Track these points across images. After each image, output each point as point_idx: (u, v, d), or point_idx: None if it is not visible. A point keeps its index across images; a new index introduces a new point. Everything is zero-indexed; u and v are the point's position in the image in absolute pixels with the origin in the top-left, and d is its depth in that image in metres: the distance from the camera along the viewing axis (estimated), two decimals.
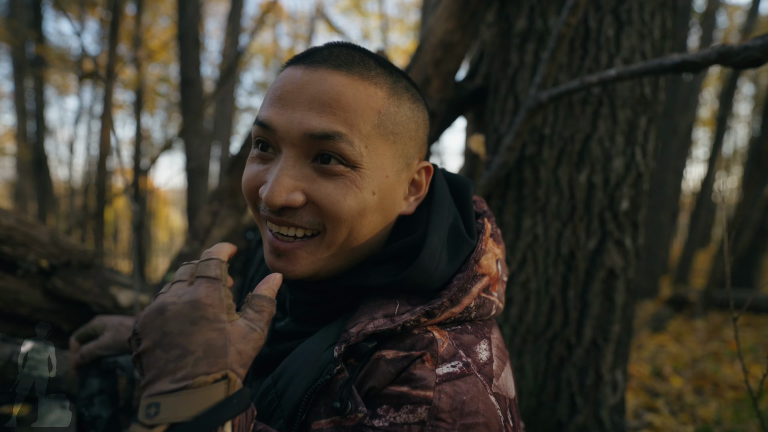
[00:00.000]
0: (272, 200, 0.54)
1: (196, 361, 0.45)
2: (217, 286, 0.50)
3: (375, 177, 0.58)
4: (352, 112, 0.55)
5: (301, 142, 0.55)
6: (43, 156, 6.96)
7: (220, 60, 9.24)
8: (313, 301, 0.64)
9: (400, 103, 0.60)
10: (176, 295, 0.49)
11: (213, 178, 9.02)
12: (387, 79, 0.59)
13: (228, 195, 1.72)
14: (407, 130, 0.61)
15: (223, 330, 0.47)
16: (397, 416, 0.51)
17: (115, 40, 5.12)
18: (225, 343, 0.47)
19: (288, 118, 0.55)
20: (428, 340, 0.55)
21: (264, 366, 0.68)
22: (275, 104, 0.57)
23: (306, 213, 0.57)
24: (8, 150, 10.27)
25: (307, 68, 0.56)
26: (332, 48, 0.59)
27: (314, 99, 0.54)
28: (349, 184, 0.56)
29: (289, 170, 0.56)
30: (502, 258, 0.69)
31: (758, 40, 0.90)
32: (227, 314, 0.49)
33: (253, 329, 0.50)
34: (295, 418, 0.54)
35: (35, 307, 1.38)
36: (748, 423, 2.32)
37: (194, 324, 0.46)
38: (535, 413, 1.41)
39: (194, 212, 5.04)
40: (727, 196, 12.13)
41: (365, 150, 0.56)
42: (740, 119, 14.41)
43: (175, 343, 0.45)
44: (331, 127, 0.54)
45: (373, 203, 0.58)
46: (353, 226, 0.58)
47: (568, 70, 1.38)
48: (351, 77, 0.55)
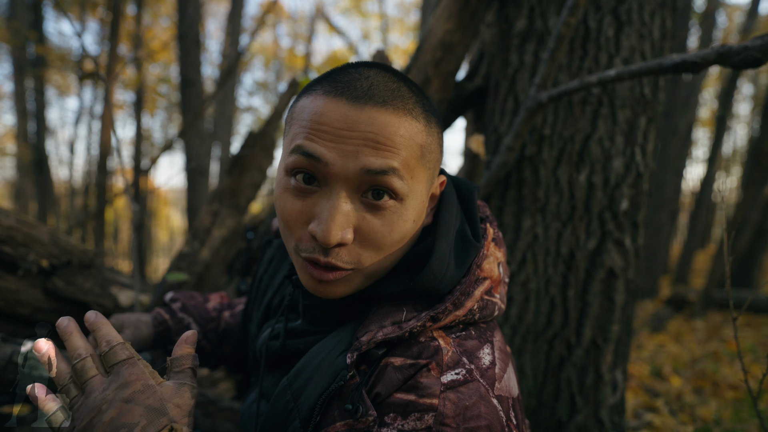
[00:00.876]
0: (328, 239, 0.54)
1: (143, 429, 0.51)
2: (134, 362, 0.56)
3: (415, 205, 0.60)
4: (404, 149, 0.56)
5: (356, 177, 0.55)
6: (44, 156, 6.96)
7: (221, 60, 9.24)
8: (327, 306, 0.67)
9: (432, 131, 0.61)
10: (103, 390, 0.54)
11: (213, 178, 9.02)
12: (420, 106, 0.60)
13: (228, 195, 1.73)
14: (437, 154, 0.63)
15: (156, 393, 0.54)
16: (405, 423, 0.53)
17: (115, 41, 5.13)
18: (162, 403, 0.53)
19: (342, 153, 0.55)
20: (434, 349, 0.57)
21: (276, 362, 0.72)
22: (322, 137, 0.55)
23: (348, 252, 0.58)
24: (9, 150, 10.28)
25: (352, 105, 0.55)
26: (369, 78, 0.58)
27: (368, 137, 0.54)
28: (395, 218, 0.58)
29: (343, 207, 0.55)
30: (504, 261, 0.71)
31: (758, 40, 0.90)
32: (154, 380, 0.56)
33: (181, 384, 0.57)
34: (311, 420, 0.58)
35: (35, 307, 1.39)
36: (747, 423, 2.32)
37: (129, 402, 0.53)
38: (535, 413, 1.41)
39: (194, 212, 5.04)
40: (726, 196, 12.13)
41: (411, 182, 0.58)
42: (740, 119, 14.41)
43: (120, 425, 0.51)
44: (388, 163, 0.55)
45: (412, 229, 0.61)
46: (391, 254, 0.60)
47: (568, 70, 1.38)
48: (397, 114, 0.56)
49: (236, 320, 1.01)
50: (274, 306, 0.84)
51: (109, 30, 5.31)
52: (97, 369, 0.56)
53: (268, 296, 0.85)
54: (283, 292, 0.83)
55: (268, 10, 8.56)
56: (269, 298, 0.85)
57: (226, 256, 1.73)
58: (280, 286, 0.84)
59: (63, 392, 0.56)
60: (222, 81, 7.07)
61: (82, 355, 0.56)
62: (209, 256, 1.67)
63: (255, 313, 0.88)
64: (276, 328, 0.75)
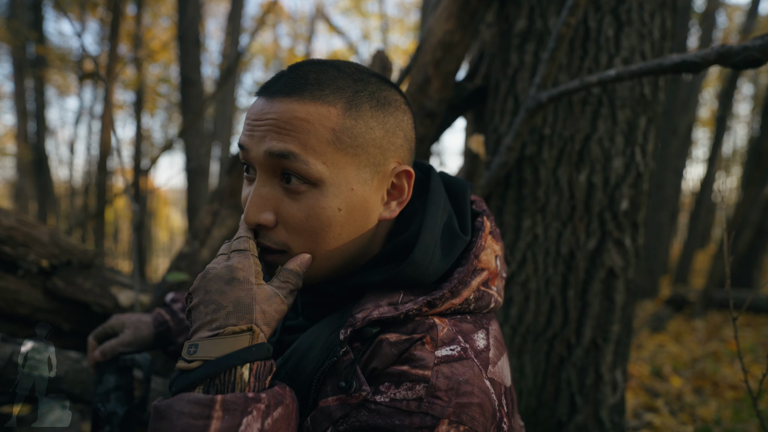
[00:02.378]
0: (247, 218, 0.61)
1: (227, 314, 0.54)
2: (247, 255, 0.59)
3: (339, 193, 0.61)
4: (304, 133, 0.58)
5: (266, 160, 0.60)
6: (44, 156, 6.95)
7: (221, 60, 9.24)
8: (321, 302, 0.69)
9: (358, 115, 0.61)
10: (216, 263, 0.59)
11: (213, 178, 9.02)
12: (344, 93, 0.61)
13: (228, 195, 1.73)
14: (370, 140, 0.62)
15: (251, 290, 0.56)
16: (397, 392, 0.54)
17: (115, 41, 5.13)
18: (251, 302, 0.55)
19: (254, 139, 0.61)
20: (429, 325, 0.59)
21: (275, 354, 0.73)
22: (246, 129, 0.63)
23: (275, 233, 0.62)
24: (9, 150, 10.27)
25: (266, 100, 0.61)
26: (291, 73, 0.62)
27: (273, 124, 0.59)
28: (311, 203, 0.60)
29: (260, 189, 0.61)
30: (501, 255, 0.72)
31: (758, 40, 0.90)
32: (255, 278, 0.57)
33: (276, 294, 0.58)
34: (307, 398, 0.59)
35: (35, 307, 1.39)
36: (747, 423, 2.32)
37: (228, 284, 0.55)
38: (535, 413, 1.41)
39: (194, 212, 5.04)
40: (726, 196, 12.14)
41: (323, 167, 0.59)
42: (740, 119, 14.41)
43: (213, 299, 0.55)
44: (286, 147, 0.58)
45: (339, 218, 0.61)
46: (318, 241, 0.62)
47: (568, 70, 1.38)
48: (302, 101, 0.59)
49: None
50: None
51: (109, 30, 5.31)
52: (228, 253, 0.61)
53: None
54: None
55: (268, 10, 8.56)
56: None
57: None
58: None
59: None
60: (222, 81, 7.07)
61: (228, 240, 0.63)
62: (209, 256, 1.67)
63: None
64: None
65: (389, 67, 1.73)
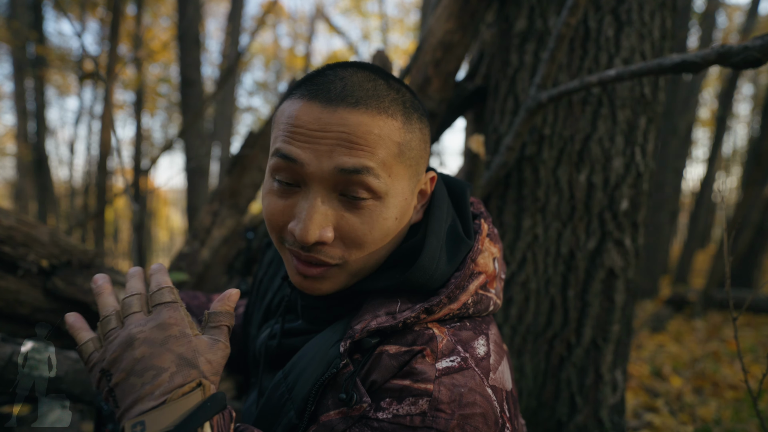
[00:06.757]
0: (306, 238, 0.56)
1: (171, 376, 0.49)
2: (176, 307, 0.55)
3: (397, 203, 0.61)
4: (378, 148, 0.57)
5: (331, 176, 0.56)
6: (44, 156, 6.95)
7: (221, 60, 9.24)
8: (322, 305, 0.68)
9: (412, 128, 0.61)
10: (140, 325, 0.53)
11: (213, 178, 9.02)
12: (398, 103, 0.60)
13: (228, 195, 1.73)
14: (419, 150, 0.63)
15: (191, 343, 0.52)
16: (400, 408, 0.53)
17: (115, 41, 5.12)
18: (195, 355, 0.52)
19: (317, 153, 0.56)
20: (428, 336, 0.58)
21: (275, 361, 0.72)
22: (298, 139, 0.57)
23: (331, 248, 0.59)
24: (9, 150, 10.28)
25: (325, 108, 0.56)
26: (344, 79, 0.59)
27: (341, 138, 0.56)
28: (375, 216, 0.59)
29: (320, 207, 0.57)
30: (500, 257, 0.71)
31: (757, 40, 0.90)
32: (191, 329, 0.54)
33: (216, 341, 0.55)
34: (305, 410, 0.58)
35: (35, 307, 1.39)
36: (747, 423, 2.32)
37: (163, 345, 0.51)
38: (535, 413, 1.41)
39: (194, 212, 5.04)
40: (726, 196, 12.14)
41: (389, 180, 0.59)
42: (740, 119, 14.41)
43: (149, 365, 0.50)
44: (361, 162, 0.56)
45: (395, 227, 0.61)
46: (375, 251, 0.61)
47: (568, 70, 1.38)
48: (370, 114, 0.57)
49: (237, 322, 1.01)
50: (273, 307, 0.84)
51: (109, 30, 5.31)
52: (142, 308, 0.56)
53: (268, 298, 0.86)
54: (282, 293, 0.83)
55: (268, 10, 8.56)
56: (269, 299, 0.85)
57: (226, 256, 1.73)
58: (280, 287, 0.85)
59: (103, 324, 0.55)
60: (222, 81, 7.07)
61: (134, 292, 0.58)
62: (209, 256, 1.67)
63: (255, 315, 0.89)
64: (275, 328, 0.75)
65: (389, 67, 1.73)
